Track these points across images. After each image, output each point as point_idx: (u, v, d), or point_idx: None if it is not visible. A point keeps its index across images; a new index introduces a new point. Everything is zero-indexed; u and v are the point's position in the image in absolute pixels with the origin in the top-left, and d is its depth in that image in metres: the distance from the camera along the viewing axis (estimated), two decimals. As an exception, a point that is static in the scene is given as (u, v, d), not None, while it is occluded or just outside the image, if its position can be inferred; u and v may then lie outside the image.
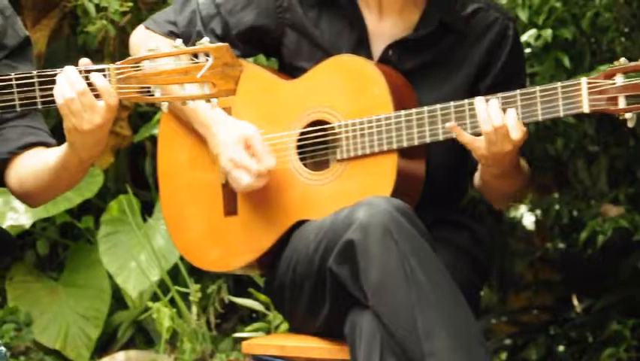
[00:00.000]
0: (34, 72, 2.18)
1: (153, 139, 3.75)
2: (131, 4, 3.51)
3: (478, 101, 2.39)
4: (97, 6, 3.48)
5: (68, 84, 2.13)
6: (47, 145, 2.34)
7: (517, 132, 2.36)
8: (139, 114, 3.88)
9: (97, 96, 2.14)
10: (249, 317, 3.71)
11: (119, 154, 3.87)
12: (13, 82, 2.17)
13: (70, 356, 3.67)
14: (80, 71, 2.15)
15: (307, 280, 2.47)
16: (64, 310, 3.71)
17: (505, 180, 2.51)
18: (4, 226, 3.40)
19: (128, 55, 2.47)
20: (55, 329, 3.68)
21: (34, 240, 3.81)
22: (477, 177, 2.61)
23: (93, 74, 2.14)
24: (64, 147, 2.22)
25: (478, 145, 2.39)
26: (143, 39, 2.60)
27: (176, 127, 2.62)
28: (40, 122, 2.38)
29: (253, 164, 2.48)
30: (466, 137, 2.40)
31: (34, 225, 3.69)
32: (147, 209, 3.76)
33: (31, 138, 2.31)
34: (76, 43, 3.69)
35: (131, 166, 3.92)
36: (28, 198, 2.34)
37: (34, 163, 2.29)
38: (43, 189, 2.30)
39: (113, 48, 3.60)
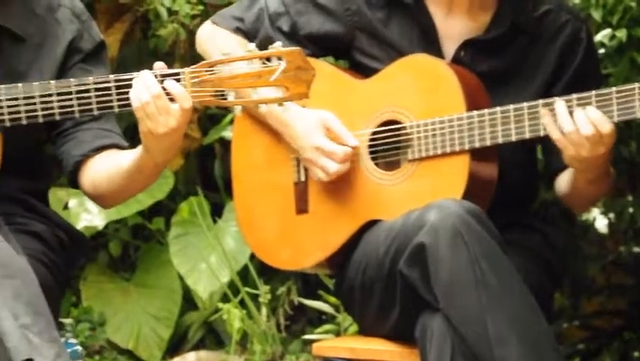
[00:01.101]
0: (112, 77, 2.20)
1: (222, 141, 3.77)
2: (201, 7, 3.54)
3: (559, 102, 2.35)
4: (168, 10, 3.51)
5: (144, 88, 2.14)
6: (120, 147, 2.36)
7: (606, 128, 2.29)
8: (208, 117, 3.90)
9: (171, 100, 2.15)
10: (318, 318, 3.70)
11: (188, 156, 3.90)
12: (91, 86, 2.20)
13: (142, 356, 3.69)
14: (156, 75, 2.16)
15: (377, 283, 2.45)
16: (137, 310, 3.74)
17: (596, 184, 2.46)
18: (78, 227, 3.46)
19: (198, 57, 2.48)
20: (128, 329, 3.71)
21: (106, 241, 3.85)
22: (564, 184, 2.55)
23: (168, 78, 2.15)
24: (138, 150, 2.24)
25: (565, 145, 2.34)
26: (210, 34, 2.60)
27: (250, 127, 2.62)
28: (113, 124, 2.40)
29: (338, 148, 2.46)
30: (555, 133, 2.35)
31: (106, 226, 3.73)
32: (216, 211, 3.77)
33: (105, 141, 2.34)
34: (147, 46, 3.72)
35: (201, 168, 3.95)
36: (102, 199, 2.36)
37: (108, 166, 2.30)
38: (117, 191, 2.32)
39: (184, 51, 3.63)
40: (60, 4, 2.38)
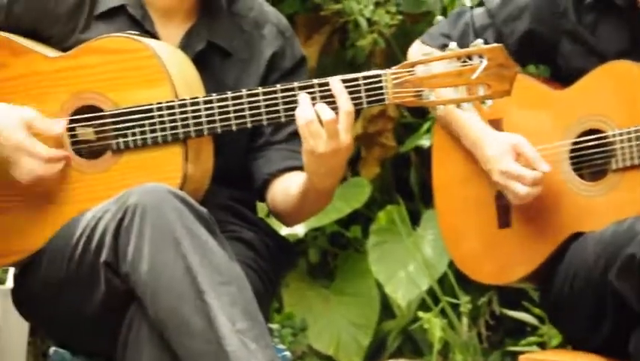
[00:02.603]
0: (315, 81, 2.19)
1: (418, 150, 3.76)
2: (400, 17, 3.55)
3: None
4: (368, 20, 3.54)
5: (311, 105, 2.14)
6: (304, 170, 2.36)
7: None
8: (403, 125, 3.90)
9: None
10: (516, 329, 3.63)
11: (384, 165, 3.91)
12: (279, 93, 2.21)
13: (342, 362, 3.73)
14: (353, 82, 2.15)
15: (586, 295, 2.37)
16: (336, 317, 3.77)
17: None
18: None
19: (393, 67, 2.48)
20: (328, 335, 3.74)
21: (306, 248, 3.91)
22: None
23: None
24: (304, 175, 2.24)
25: None
26: (419, 52, 2.61)
27: (449, 139, 2.59)
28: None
29: (527, 172, 2.42)
30: None
31: (305, 233, 3.79)
32: (413, 219, 3.76)
33: (291, 163, 2.34)
34: (344, 57, 3.76)
35: (396, 177, 3.95)
36: (279, 218, 2.40)
37: (285, 187, 2.33)
38: (289, 212, 2.34)
39: (380, 60, 3.65)
40: (267, 20, 2.41)
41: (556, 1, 2.52)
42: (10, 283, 2.96)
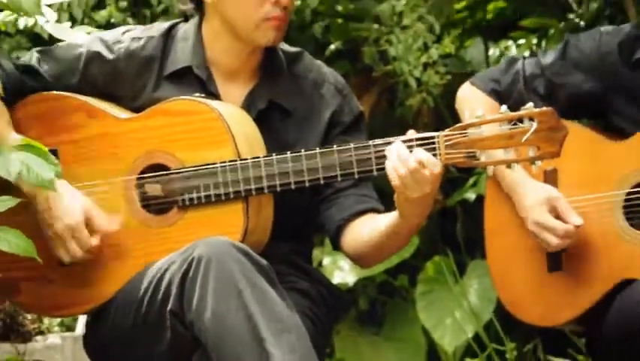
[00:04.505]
0: (370, 142, 2.24)
1: (464, 203, 3.75)
2: (449, 77, 3.57)
3: None
4: (417, 80, 3.56)
5: (400, 162, 2.17)
6: (378, 211, 2.38)
7: None
8: (449, 180, 3.89)
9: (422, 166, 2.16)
10: (563, 376, 3.58)
11: (430, 217, 3.90)
12: (352, 152, 2.25)
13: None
14: (411, 140, 2.18)
15: (637, 343, 2.33)
16: (385, 363, 3.76)
17: None
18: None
19: (441, 126, 2.50)
20: (377, 383, 3.73)
21: (356, 296, 3.91)
22: None
23: (416, 148, 2.17)
24: (394, 214, 2.26)
25: None
26: (467, 95, 2.62)
27: (501, 189, 2.58)
28: (370, 190, 2.42)
29: (559, 225, 2.43)
30: None
31: (355, 282, 3.79)
32: (458, 270, 3.75)
33: (364, 206, 2.37)
34: (392, 116, 3.78)
35: (442, 229, 3.94)
36: (361, 260, 2.39)
37: (367, 229, 2.34)
38: (375, 252, 2.35)
39: (427, 119, 3.66)
40: (325, 80, 2.44)
41: (608, 58, 2.50)
42: (79, 329, 2.99)
